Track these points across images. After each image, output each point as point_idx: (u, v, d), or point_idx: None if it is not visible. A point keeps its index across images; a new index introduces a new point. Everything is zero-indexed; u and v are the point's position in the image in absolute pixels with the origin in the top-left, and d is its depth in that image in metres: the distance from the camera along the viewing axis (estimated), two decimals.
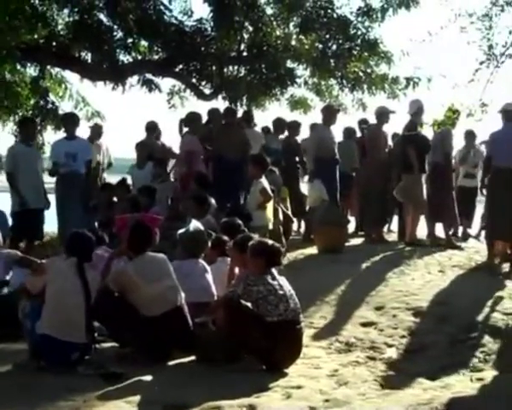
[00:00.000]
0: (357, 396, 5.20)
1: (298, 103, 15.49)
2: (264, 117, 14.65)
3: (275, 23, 14.00)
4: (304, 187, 12.33)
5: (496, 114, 9.57)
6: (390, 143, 12.53)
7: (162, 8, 13.59)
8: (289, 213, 11.53)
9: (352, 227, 12.68)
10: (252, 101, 14.82)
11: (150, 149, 12.03)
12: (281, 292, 6.02)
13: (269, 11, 14.37)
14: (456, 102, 7.72)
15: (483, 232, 11.58)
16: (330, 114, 11.92)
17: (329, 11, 13.98)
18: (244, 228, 7.91)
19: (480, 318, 7.20)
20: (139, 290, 6.18)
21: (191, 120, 11.62)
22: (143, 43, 13.96)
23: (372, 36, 14.17)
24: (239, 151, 11.06)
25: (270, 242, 6.51)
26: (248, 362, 6.09)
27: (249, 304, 5.94)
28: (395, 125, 14.38)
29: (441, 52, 13.90)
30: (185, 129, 11.71)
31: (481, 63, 6.91)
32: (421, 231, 11.75)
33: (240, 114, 12.83)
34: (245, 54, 14.24)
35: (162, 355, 6.15)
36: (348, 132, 13.29)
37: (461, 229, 12.79)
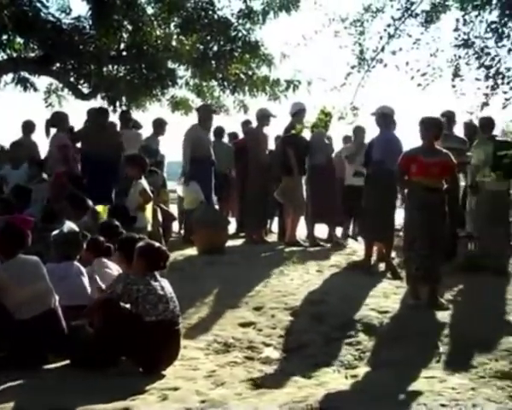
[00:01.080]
0: (233, 396, 5.19)
1: (179, 104, 15.35)
2: (144, 117, 14.44)
3: (155, 23, 13.80)
4: (179, 189, 12.15)
5: (366, 117, 9.76)
6: (272, 144, 12.65)
7: (39, 4, 13.09)
8: (171, 212, 11.48)
9: (232, 228, 12.68)
10: (132, 101, 14.61)
11: (27, 149, 11.68)
12: (161, 293, 5.98)
13: (149, 11, 14.15)
14: (329, 104, 7.84)
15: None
16: (206, 114, 11.91)
17: (210, 12, 13.90)
18: (122, 229, 7.77)
19: (356, 316, 7.33)
20: (11, 294, 5.96)
21: (58, 119, 11.42)
22: (19, 40, 13.47)
23: (253, 38, 14.21)
24: (111, 152, 10.91)
25: (158, 244, 6.46)
26: (125, 365, 5.98)
27: (128, 305, 5.87)
28: (278, 128, 14.50)
29: (320, 56, 14.10)
30: (53, 130, 11.42)
31: (353, 67, 7.05)
32: (301, 231, 11.90)
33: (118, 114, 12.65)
34: (124, 53, 13.99)
35: (36, 359, 5.94)
36: (219, 132, 13.27)
37: (341, 229, 13.03)
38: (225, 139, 13.67)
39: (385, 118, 9.82)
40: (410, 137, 11.54)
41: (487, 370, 5.84)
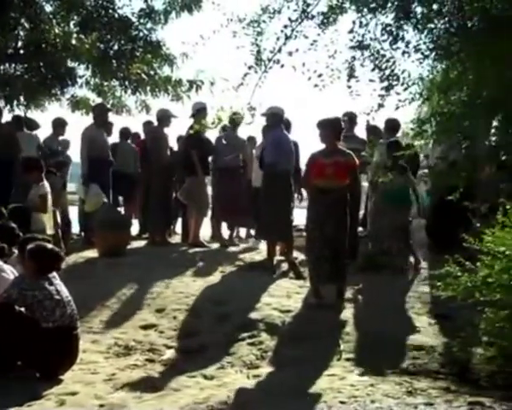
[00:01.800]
0: (132, 399, 5.12)
1: (79, 104, 15.04)
2: (43, 117, 14.09)
3: (54, 21, 13.51)
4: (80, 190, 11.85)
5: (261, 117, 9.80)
6: (174, 145, 12.57)
7: None
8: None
9: (135, 230, 12.51)
10: (30, 100, 14.21)
11: None
12: (57, 297, 5.84)
13: (47, 8, 13.87)
14: (229, 105, 7.83)
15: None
16: (101, 113, 11.73)
17: (110, 11, 13.72)
18: (20, 232, 7.53)
19: (258, 316, 7.34)
20: None
21: None
22: None
23: (155, 38, 14.11)
24: (6, 152, 10.67)
25: (50, 246, 6.28)
26: (22, 370, 5.81)
27: (23, 309, 5.68)
28: (180, 128, 14.41)
29: (221, 56, 14.10)
30: None
31: (250, 68, 7.05)
32: (206, 232, 11.87)
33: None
34: (22, 51, 13.63)
35: None
36: (125, 133, 13.09)
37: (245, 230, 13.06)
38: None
39: (274, 118, 9.90)
40: (308, 138, 11.77)
41: (386, 366, 5.91)
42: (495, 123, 6.63)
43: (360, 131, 11.19)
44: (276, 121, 9.91)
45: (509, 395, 5.08)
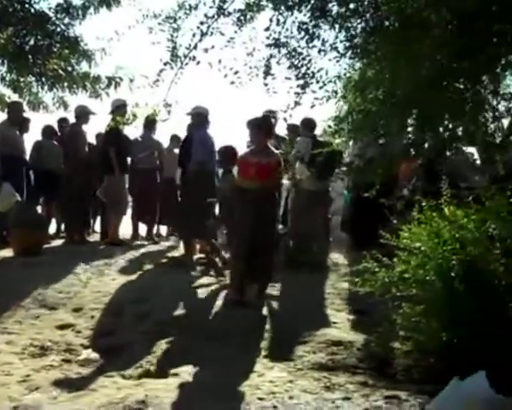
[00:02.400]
0: (48, 400, 4.99)
1: None
2: None
3: None
4: None
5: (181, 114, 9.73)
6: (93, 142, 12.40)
7: None
8: None
9: (53, 228, 12.27)
10: None
11: None
12: None
13: None
14: (142, 102, 7.77)
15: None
16: (15, 110, 11.46)
17: (27, 6, 13.32)
18: None
19: (179, 314, 7.32)
20: None
21: None
22: None
23: (72, 33, 13.79)
24: None
25: None
26: None
27: None
28: (99, 125, 14.17)
29: (140, 52, 13.91)
30: None
31: (165, 64, 6.98)
32: (127, 230, 11.74)
33: None
34: None
35: None
36: (48, 131, 12.81)
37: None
38: None
39: (199, 117, 9.90)
40: (225, 134, 11.75)
41: (305, 362, 5.97)
42: (410, 121, 6.72)
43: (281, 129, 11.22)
44: (201, 121, 9.91)
45: (425, 389, 5.19)
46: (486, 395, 4.18)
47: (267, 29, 6.62)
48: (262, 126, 7.84)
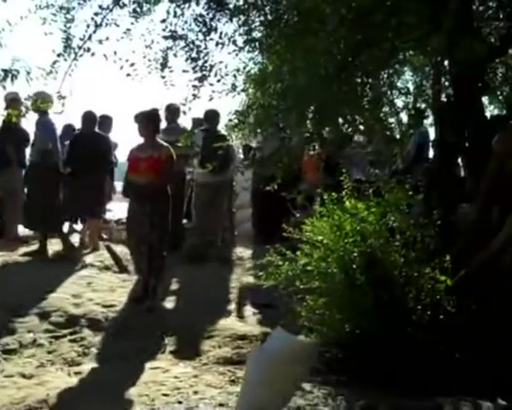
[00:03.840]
0: None
1: None
2: None
3: None
4: None
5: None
6: None
7: None
8: None
9: None
10: None
11: None
12: None
13: None
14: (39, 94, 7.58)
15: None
16: None
17: None
18: None
19: (80, 311, 7.18)
20: None
21: None
22: None
23: None
24: None
25: None
26: None
27: None
28: None
29: (37, 44, 13.54)
30: None
31: (59, 55, 6.82)
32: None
33: None
34: None
35: None
36: None
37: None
38: None
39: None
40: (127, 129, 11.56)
41: (210, 357, 5.97)
42: (309, 114, 6.76)
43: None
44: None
45: (329, 380, 5.26)
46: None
47: (163, 21, 6.52)
48: (150, 120, 7.64)
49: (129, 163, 7.76)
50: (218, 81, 6.49)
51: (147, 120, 7.57)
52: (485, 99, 9.42)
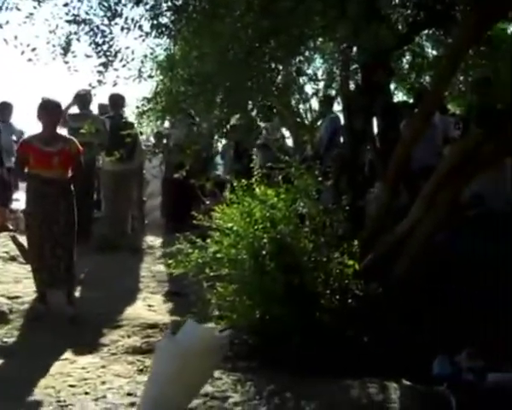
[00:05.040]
0: None
1: None
2: None
3: None
4: None
5: None
6: None
7: None
8: None
9: None
10: None
11: None
12: None
13: None
14: None
15: None
16: None
17: None
18: None
19: None
20: None
21: None
22: None
23: None
24: None
25: None
26: None
27: None
28: None
29: None
30: None
31: None
32: None
33: None
34: None
35: None
36: None
37: None
38: None
39: None
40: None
41: (119, 347, 5.90)
42: (218, 101, 6.69)
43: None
44: None
45: (239, 366, 5.29)
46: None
47: (66, 5, 6.31)
48: (51, 110, 6.90)
49: (24, 154, 6.96)
50: (124, 66, 6.33)
51: (52, 111, 6.94)
52: (393, 86, 9.65)
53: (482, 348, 4.98)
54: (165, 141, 8.04)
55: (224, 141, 10.77)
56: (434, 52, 8.56)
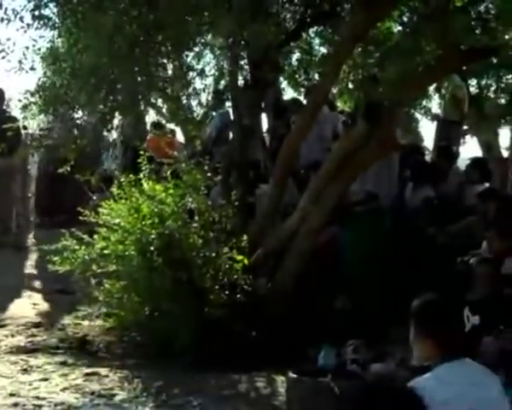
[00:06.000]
0: None
1: None
2: None
3: None
4: None
5: None
6: None
7: None
8: None
9: None
10: None
11: None
12: None
13: None
14: None
15: None
16: None
17: None
18: None
19: None
20: None
21: None
22: None
23: None
24: None
25: None
26: None
27: None
28: None
29: None
30: None
31: None
32: None
33: None
34: None
35: None
36: None
37: None
38: None
39: None
40: None
41: (2, 347, 5.74)
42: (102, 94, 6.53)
43: None
44: None
45: (127, 363, 5.26)
46: None
47: None
48: None
49: None
50: (3, 58, 6.12)
51: None
52: (284, 83, 9.74)
53: (366, 341, 5.11)
54: (47, 135, 7.74)
55: (114, 135, 10.64)
56: (322, 49, 8.67)
